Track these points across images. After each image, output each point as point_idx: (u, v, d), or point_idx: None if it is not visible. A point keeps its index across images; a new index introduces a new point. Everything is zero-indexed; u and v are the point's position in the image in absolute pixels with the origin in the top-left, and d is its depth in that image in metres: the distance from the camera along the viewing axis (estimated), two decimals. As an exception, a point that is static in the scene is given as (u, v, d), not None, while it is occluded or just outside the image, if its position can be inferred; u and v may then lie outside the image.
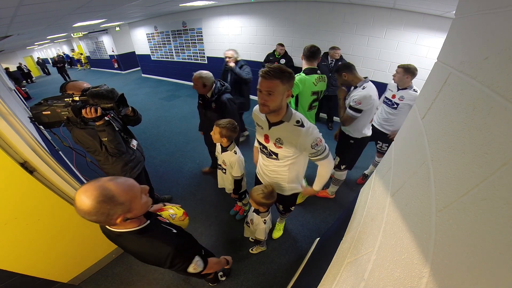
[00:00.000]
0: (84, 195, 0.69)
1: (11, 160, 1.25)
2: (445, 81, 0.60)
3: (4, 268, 1.42)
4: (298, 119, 1.22)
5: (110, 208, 0.72)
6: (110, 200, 0.72)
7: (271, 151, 1.37)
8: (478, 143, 0.41)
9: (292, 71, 1.11)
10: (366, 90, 1.83)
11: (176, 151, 3.78)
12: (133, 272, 1.99)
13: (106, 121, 1.46)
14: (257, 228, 1.73)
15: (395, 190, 0.77)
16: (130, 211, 0.78)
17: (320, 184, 1.45)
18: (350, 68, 1.92)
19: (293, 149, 1.27)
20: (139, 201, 0.82)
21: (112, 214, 0.74)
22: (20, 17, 2.53)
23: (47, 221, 1.51)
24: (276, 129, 1.26)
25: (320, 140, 1.24)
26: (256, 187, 1.54)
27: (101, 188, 0.71)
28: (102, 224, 0.77)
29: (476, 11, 0.52)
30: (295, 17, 4.27)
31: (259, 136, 1.42)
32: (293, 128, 1.21)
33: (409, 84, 2.22)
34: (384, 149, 2.64)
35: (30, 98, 8.33)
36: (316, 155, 1.27)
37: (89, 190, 0.70)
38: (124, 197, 0.76)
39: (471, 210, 0.38)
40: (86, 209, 0.69)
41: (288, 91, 1.12)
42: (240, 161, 1.78)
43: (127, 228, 0.83)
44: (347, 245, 1.05)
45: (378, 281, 0.62)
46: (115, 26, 8.87)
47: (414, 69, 2.16)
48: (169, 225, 1.01)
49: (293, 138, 1.22)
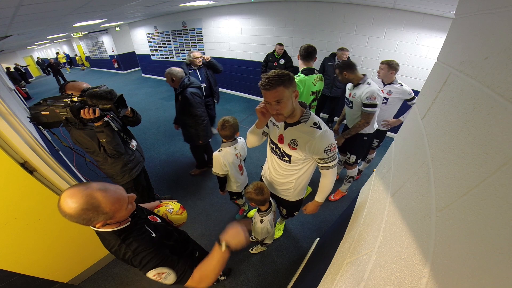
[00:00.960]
0: (70, 200, 0.69)
1: (11, 160, 1.25)
2: (445, 81, 0.60)
3: (4, 268, 1.42)
4: (316, 121, 1.20)
5: (93, 216, 0.73)
6: (94, 209, 0.72)
7: (284, 152, 1.33)
8: (478, 143, 0.41)
9: (290, 72, 1.11)
10: (373, 85, 1.89)
11: (176, 151, 3.78)
12: (133, 272, 1.99)
13: (104, 122, 1.45)
14: (255, 226, 1.73)
15: (395, 190, 0.77)
16: (112, 219, 0.79)
17: (324, 196, 1.41)
18: (351, 67, 1.94)
19: (306, 151, 1.24)
20: (124, 210, 0.82)
21: (93, 220, 0.74)
22: (20, 17, 2.53)
23: (47, 221, 1.51)
24: (293, 129, 1.24)
25: (335, 147, 1.21)
26: (248, 185, 1.55)
27: (88, 197, 0.71)
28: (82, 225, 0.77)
29: (476, 11, 0.52)
30: (295, 17, 4.27)
31: (273, 136, 1.38)
32: (310, 130, 1.19)
33: (393, 79, 2.28)
34: (375, 145, 2.76)
35: (30, 98, 8.34)
36: (325, 162, 1.24)
37: (76, 195, 0.70)
38: (109, 207, 0.76)
39: (471, 210, 0.38)
40: (69, 212, 0.69)
41: (294, 92, 1.11)
42: (217, 159, 1.75)
43: (106, 229, 0.83)
44: (347, 245, 1.05)
45: (378, 281, 0.62)
46: (115, 26, 8.86)
47: (397, 65, 2.22)
48: (154, 229, 0.96)
49: (308, 140, 1.20)
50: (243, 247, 0.94)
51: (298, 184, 1.47)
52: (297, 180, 1.45)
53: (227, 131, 1.71)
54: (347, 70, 1.94)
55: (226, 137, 1.75)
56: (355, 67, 1.94)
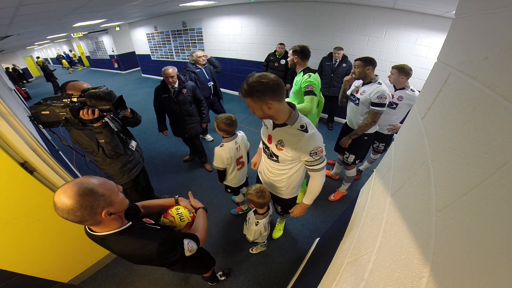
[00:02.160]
0: (63, 195, 0.70)
1: (11, 160, 1.25)
2: (445, 81, 0.60)
3: (4, 268, 1.42)
4: (303, 123, 1.20)
5: (92, 200, 0.74)
6: (90, 192, 0.73)
7: (272, 153, 1.36)
8: (478, 143, 0.41)
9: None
10: (384, 85, 1.91)
11: (176, 151, 3.78)
12: (133, 272, 1.99)
13: (104, 123, 1.45)
14: (249, 227, 1.74)
15: (395, 190, 0.77)
16: (111, 205, 0.79)
17: (312, 198, 1.41)
18: (375, 64, 1.97)
19: (292, 153, 1.25)
20: (117, 195, 0.83)
21: (95, 206, 0.74)
22: (20, 17, 2.53)
23: (47, 221, 1.51)
24: (280, 130, 1.25)
25: (321, 151, 1.21)
26: (251, 185, 1.55)
27: (79, 184, 0.73)
28: (87, 221, 0.77)
29: (476, 11, 0.52)
30: (295, 17, 4.27)
31: (264, 136, 1.42)
32: (296, 132, 1.20)
33: (406, 84, 2.23)
34: (381, 148, 2.74)
35: (30, 98, 8.34)
36: (312, 165, 1.24)
37: (67, 188, 0.71)
38: (102, 189, 0.77)
39: (471, 210, 0.38)
40: (69, 205, 0.70)
41: (266, 104, 1.07)
42: (219, 154, 1.83)
43: (111, 230, 0.83)
44: (347, 245, 1.05)
45: (378, 281, 0.62)
46: (115, 26, 8.86)
47: (409, 69, 2.17)
48: (155, 225, 1.00)
49: (294, 142, 1.21)
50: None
51: (290, 183, 1.49)
52: (288, 180, 1.47)
53: (229, 127, 1.77)
54: (371, 66, 1.95)
55: (227, 132, 1.81)
56: (376, 65, 1.97)
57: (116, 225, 0.85)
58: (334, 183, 2.89)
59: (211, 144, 3.89)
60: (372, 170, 1.49)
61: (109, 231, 0.83)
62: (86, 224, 0.81)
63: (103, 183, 0.79)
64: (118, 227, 0.84)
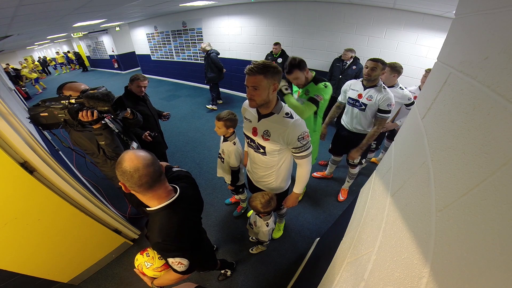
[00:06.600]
0: (140, 152, 0.81)
1: (11, 160, 1.25)
2: (445, 81, 0.60)
3: (4, 268, 1.42)
4: (288, 111, 1.26)
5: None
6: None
7: (259, 145, 1.38)
8: (478, 143, 0.41)
9: (277, 65, 1.14)
10: (389, 90, 1.92)
11: (176, 151, 3.78)
12: (133, 272, 1.98)
13: (103, 125, 1.44)
14: (259, 230, 1.72)
15: (395, 190, 0.77)
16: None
17: (301, 186, 1.44)
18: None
19: (280, 141, 1.28)
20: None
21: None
22: (20, 17, 2.53)
23: (47, 221, 1.51)
24: (266, 121, 1.29)
25: (308, 135, 1.26)
26: (255, 194, 1.50)
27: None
28: (156, 177, 0.82)
29: (476, 11, 0.52)
30: (295, 17, 4.27)
31: (247, 131, 1.43)
32: (282, 119, 1.24)
33: (395, 82, 2.23)
34: (373, 147, 2.86)
35: (30, 98, 8.32)
36: (300, 151, 1.28)
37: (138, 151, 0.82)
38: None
39: (471, 210, 0.38)
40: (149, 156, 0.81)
41: (274, 84, 1.15)
42: (237, 152, 1.85)
43: (160, 204, 0.88)
44: (347, 245, 1.05)
45: (378, 281, 0.62)
46: (115, 26, 8.85)
47: (400, 67, 2.18)
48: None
49: (281, 129, 1.24)
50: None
51: (279, 174, 1.51)
52: (277, 171, 1.49)
53: (234, 119, 1.79)
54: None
55: (233, 126, 1.81)
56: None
57: (163, 199, 0.90)
58: (333, 184, 2.89)
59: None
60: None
61: (159, 205, 0.89)
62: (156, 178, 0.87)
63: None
64: (165, 201, 0.90)
